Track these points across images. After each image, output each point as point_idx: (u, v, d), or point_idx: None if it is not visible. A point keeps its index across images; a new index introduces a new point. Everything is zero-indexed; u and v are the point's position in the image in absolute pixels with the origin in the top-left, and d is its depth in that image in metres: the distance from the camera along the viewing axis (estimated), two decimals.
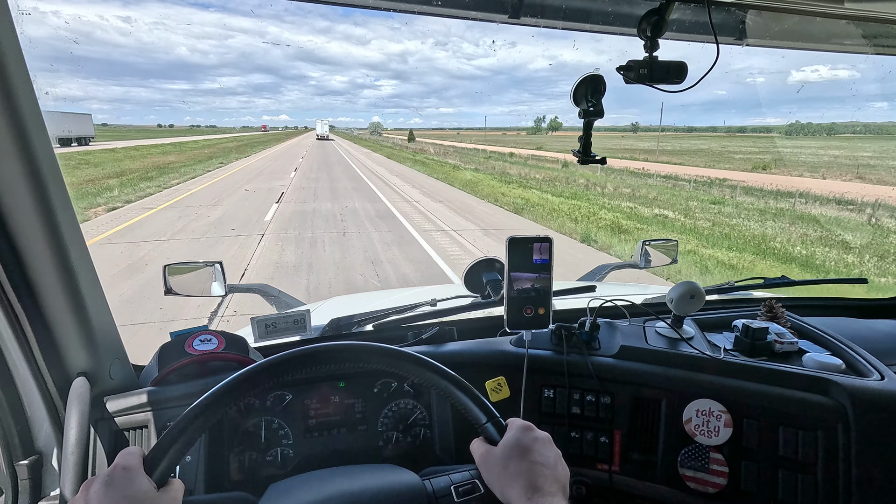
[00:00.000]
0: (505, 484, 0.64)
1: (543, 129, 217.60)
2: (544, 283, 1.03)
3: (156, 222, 9.48)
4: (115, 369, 0.95)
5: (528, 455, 0.66)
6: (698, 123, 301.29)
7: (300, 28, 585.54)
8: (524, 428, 0.70)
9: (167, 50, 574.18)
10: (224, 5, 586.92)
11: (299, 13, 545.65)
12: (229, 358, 1.04)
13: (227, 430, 0.98)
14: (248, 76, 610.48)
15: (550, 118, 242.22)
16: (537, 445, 0.67)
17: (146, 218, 9.95)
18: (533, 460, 0.65)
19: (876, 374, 0.96)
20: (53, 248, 0.76)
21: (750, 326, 1.09)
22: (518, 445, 0.67)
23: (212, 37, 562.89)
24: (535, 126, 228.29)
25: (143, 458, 0.60)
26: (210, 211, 10.81)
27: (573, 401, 1.06)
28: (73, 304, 0.82)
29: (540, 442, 0.68)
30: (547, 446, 0.69)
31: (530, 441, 0.68)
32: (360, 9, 0.99)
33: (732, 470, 0.96)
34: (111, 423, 0.90)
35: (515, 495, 0.62)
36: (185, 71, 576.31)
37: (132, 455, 0.59)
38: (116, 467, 0.57)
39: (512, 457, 0.66)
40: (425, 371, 0.72)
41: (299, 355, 0.68)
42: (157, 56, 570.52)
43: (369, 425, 1.07)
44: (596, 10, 1.03)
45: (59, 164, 0.75)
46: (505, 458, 0.66)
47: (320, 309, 1.84)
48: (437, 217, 11.17)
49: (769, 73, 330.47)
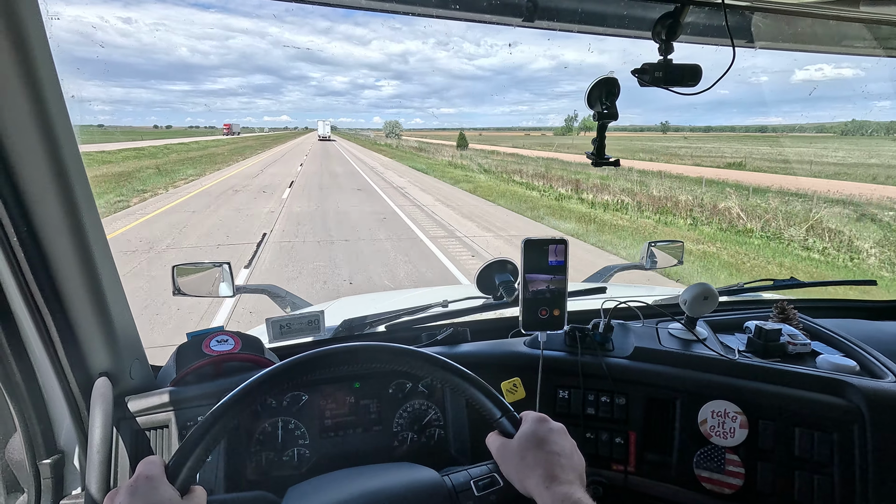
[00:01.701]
0: (523, 475, 0.66)
1: (575, 129, 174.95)
2: (559, 284, 1.03)
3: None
4: (135, 369, 0.95)
5: (545, 445, 0.67)
6: (702, 123, 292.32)
7: (301, 28, 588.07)
8: (539, 420, 0.71)
9: (168, 51, 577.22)
10: (224, 6, 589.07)
11: (300, 13, 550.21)
12: (246, 358, 1.05)
13: (245, 431, 0.98)
14: (248, 77, 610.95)
15: (584, 116, 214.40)
16: (553, 436, 0.69)
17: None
18: (549, 450, 0.66)
19: (891, 376, 0.96)
20: (78, 250, 0.77)
21: (763, 328, 1.09)
22: (534, 437, 0.68)
23: (212, 37, 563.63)
24: (567, 125, 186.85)
25: (164, 467, 0.60)
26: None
27: (588, 402, 1.06)
28: (96, 305, 0.83)
29: (555, 432, 0.70)
30: (562, 436, 0.70)
31: (546, 432, 0.69)
32: (371, 11, 1.00)
33: (748, 471, 0.96)
34: (133, 423, 0.90)
35: (534, 485, 0.63)
36: (186, 72, 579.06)
37: (154, 464, 0.59)
38: (139, 477, 0.58)
39: (529, 448, 0.67)
40: (439, 370, 0.73)
41: (312, 358, 0.68)
42: (158, 57, 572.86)
43: (384, 426, 1.07)
44: (611, 14, 1.04)
45: (83, 165, 0.76)
46: (522, 449, 0.68)
47: (330, 309, 1.85)
48: None
49: (772, 73, 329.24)
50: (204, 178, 18.36)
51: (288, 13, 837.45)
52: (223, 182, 17.13)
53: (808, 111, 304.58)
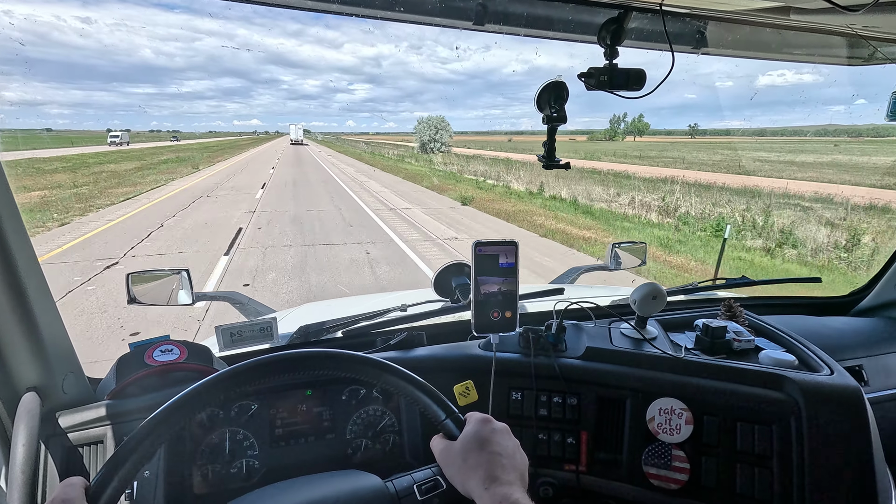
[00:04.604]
0: (465, 476, 0.65)
1: (620, 133, 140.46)
2: (510, 286, 1.03)
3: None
4: (69, 383, 0.91)
5: (487, 446, 0.67)
6: (669, 126, 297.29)
7: (270, 31, 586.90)
8: (482, 420, 0.71)
9: (130, 52, 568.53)
10: (189, 6, 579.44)
11: (269, 15, 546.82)
12: (191, 368, 1.02)
13: (189, 443, 0.95)
14: (217, 80, 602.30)
15: (634, 117, 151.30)
16: (495, 436, 0.69)
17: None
18: (491, 451, 0.66)
19: (826, 370, 1.00)
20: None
21: (709, 326, 1.12)
22: (476, 438, 0.68)
23: (178, 39, 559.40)
24: (612, 129, 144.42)
25: (85, 489, 0.56)
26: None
27: (540, 403, 1.07)
28: (20, 316, 0.78)
29: (498, 433, 0.70)
30: (505, 436, 0.70)
31: (488, 432, 0.69)
32: (327, 14, 0.99)
33: (693, 466, 0.98)
34: (63, 439, 0.86)
35: (474, 486, 0.63)
36: (150, 74, 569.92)
37: (73, 486, 0.56)
38: (55, 501, 0.54)
39: (471, 449, 0.67)
40: (382, 373, 0.72)
41: (242, 370, 0.66)
42: (120, 59, 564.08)
43: (338, 433, 1.06)
44: (558, 18, 1.05)
45: (4, 171, 0.71)
46: (464, 451, 0.68)
47: (290, 316, 1.81)
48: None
49: (736, 78, 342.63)
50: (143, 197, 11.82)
51: (256, 15, 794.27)
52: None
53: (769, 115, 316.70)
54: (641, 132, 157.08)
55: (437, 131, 47.56)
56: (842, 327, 1.46)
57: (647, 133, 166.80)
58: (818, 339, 1.16)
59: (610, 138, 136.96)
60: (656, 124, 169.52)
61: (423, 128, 48.04)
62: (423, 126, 48.00)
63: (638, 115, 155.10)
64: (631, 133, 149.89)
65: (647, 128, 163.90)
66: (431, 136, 47.50)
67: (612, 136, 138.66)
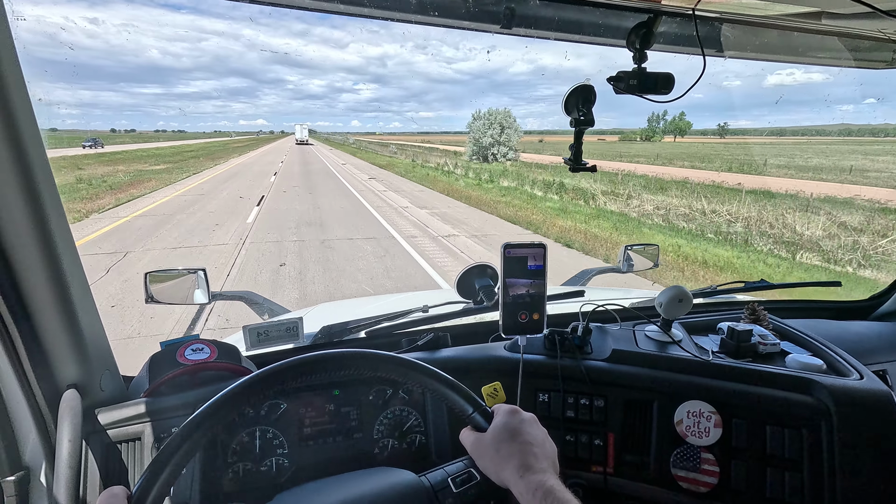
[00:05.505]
0: (499, 467, 0.67)
1: (658, 133, 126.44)
2: (538, 289, 1.04)
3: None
4: (106, 381, 0.92)
5: (517, 436, 0.68)
6: (698, 126, 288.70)
7: (276, 31, 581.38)
8: (510, 412, 0.72)
9: (137, 52, 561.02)
10: (196, 7, 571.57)
11: (275, 15, 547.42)
12: (222, 367, 1.03)
13: (221, 442, 0.96)
14: (223, 80, 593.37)
15: (674, 115, 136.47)
16: (525, 426, 0.70)
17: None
18: (522, 441, 0.68)
19: (855, 374, 1.00)
20: (46, 258, 0.75)
21: (735, 329, 1.12)
22: (506, 428, 0.69)
23: (184, 39, 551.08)
24: (650, 128, 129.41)
25: (127, 499, 0.57)
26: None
27: (567, 404, 1.07)
28: (64, 315, 0.80)
29: (527, 423, 0.71)
30: (534, 426, 0.71)
31: (517, 423, 0.70)
32: (345, 15, 1.00)
33: (723, 469, 0.98)
34: (103, 436, 0.87)
35: (509, 475, 0.65)
36: (157, 74, 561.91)
37: (116, 497, 0.56)
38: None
39: (502, 440, 0.68)
40: (409, 371, 0.73)
41: (274, 371, 0.66)
42: (127, 59, 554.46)
43: (365, 433, 1.06)
44: (587, 22, 1.05)
45: (52, 173, 0.73)
46: (496, 441, 0.69)
47: (308, 316, 1.83)
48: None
49: (745, 77, 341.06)
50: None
51: (262, 15, 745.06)
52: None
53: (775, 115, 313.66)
54: (683, 132, 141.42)
55: (502, 130, 32.91)
56: (864, 331, 1.45)
57: (689, 133, 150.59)
58: (841, 344, 1.16)
59: (647, 138, 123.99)
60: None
61: (480, 126, 33.46)
62: (483, 124, 33.47)
63: (679, 113, 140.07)
64: (670, 133, 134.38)
65: (688, 127, 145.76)
66: (494, 138, 32.88)
67: (649, 137, 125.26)
